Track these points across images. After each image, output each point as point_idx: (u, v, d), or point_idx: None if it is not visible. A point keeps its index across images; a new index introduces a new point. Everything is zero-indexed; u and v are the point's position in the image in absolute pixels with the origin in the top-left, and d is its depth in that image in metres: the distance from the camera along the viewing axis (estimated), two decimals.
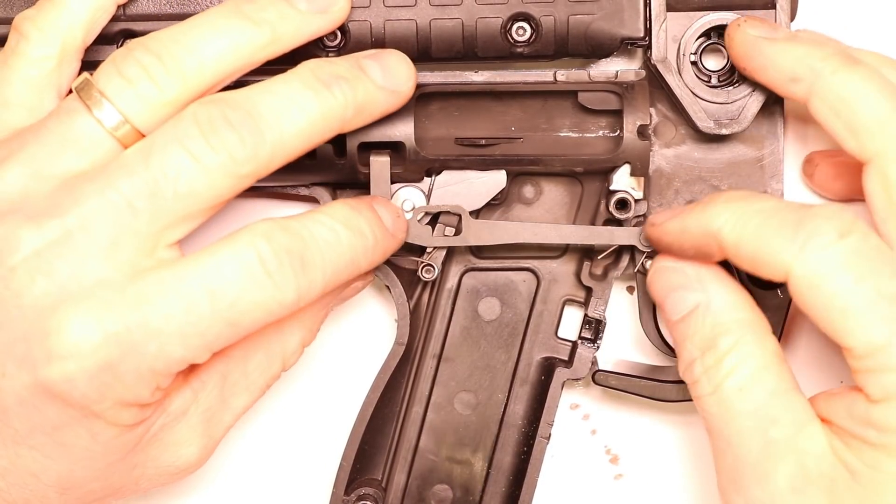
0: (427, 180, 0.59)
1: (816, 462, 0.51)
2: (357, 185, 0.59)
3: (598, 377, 0.61)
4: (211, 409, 0.53)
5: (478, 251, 0.61)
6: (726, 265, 0.59)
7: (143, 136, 0.49)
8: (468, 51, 0.57)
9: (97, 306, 0.47)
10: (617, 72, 0.59)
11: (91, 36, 0.53)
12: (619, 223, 0.59)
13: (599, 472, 0.66)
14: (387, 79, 0.53)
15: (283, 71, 0.52)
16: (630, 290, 0.64)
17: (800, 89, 0.54)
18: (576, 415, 0.65)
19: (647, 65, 0.58)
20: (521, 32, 0.57)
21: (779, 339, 0.59)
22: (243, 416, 0.64)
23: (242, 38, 0.51)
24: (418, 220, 0.58)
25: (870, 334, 0.49)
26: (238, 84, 0.52)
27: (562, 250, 0.61)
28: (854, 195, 0.60)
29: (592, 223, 0.60)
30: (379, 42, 0.57)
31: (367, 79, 0.52)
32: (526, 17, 0.57)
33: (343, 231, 0.51)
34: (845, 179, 0.60)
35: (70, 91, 0.51)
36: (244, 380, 0.54)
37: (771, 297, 0.59)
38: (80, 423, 0.49)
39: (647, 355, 0.64)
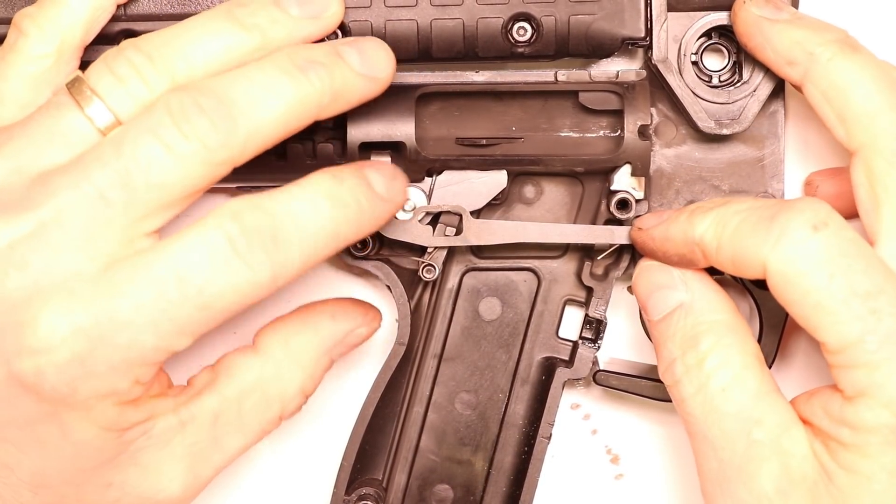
0: (428, 180, 0.59)
1: (799, 464, 0.51)
2: None
3: (598, 377, 0.61)
4: (199, 444, 0.52)
5: (478, 251, 0.61)
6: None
7: None
8: (469, 51, 0.57)
9: (67, 299, 0.47)
10: (618, 72, 0.59)
11: (90, 35, 0.53)
12: (619, 223, 0.59)
13: (600, 472, 0.66)
14: (364, 65, 0.52)
15: None
16: (630, 290, 0.64)
17: (795, 73, 0.54)
18: (576, 415, 0.65)
19: (648, 65, 0.58)
20: (522, 32, 0.57)
21: (779, 340, 0.59)
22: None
23: (232, 42, 0.50)
24: (419, 221, 0.58)
25: (842, 331, 0.49)
26: None
27: (562, 250, 0.61)
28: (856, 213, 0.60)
29: (593, 223, 0.60)
30: None
31: (344, 65, 0.51)
32: (527, 17, 0.57)
33: (323, 202, 0.50)
34: (847, 199, 0.60)
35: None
36: (238, 421, 0.53)
37: (771, 297, 0.59)
38: (53, 419, 0.48)
39: (647, 355, 0.64)
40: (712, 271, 0.54)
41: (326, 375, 0.64)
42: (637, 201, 0.59)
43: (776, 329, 0.59)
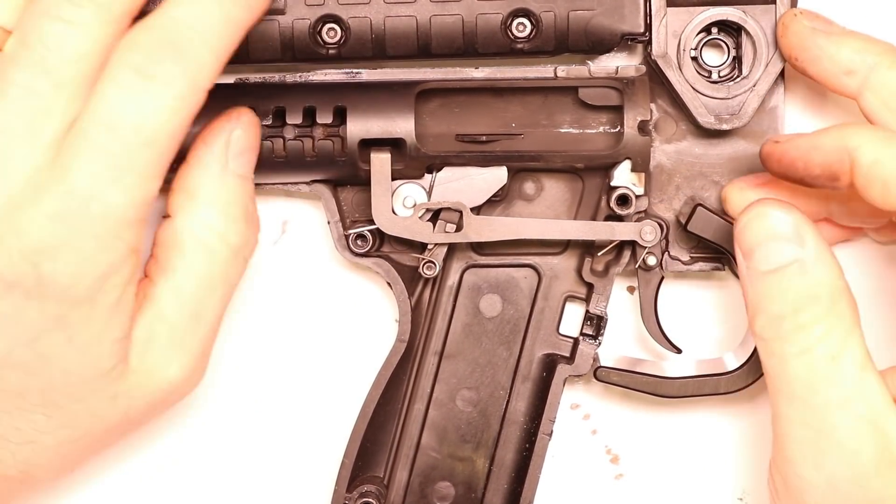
0: (428, 177, 0.59)
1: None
2: (358, 181, 0.59)
3: (599, 373, 0.61)
4: (179, 327, 0.53)
5: (479, 248, 0.61)
6: (728, 260, 0.60)
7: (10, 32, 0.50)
8: (468, 47, 0.57)
9: (34, 194, 0.48)
10: (617, 67, 0.59)
11: None
12: (620, 219, 0.59)
13: (600, 471, 0.66)
14: None
15: None
16: (630, 290, 0.64)
17: (852, 83, 0.54)
18: (576, 415, 0.65)
19: (648, 60, 0.58)
20: (522, 28, 0.57)
21: None
22: (245, 414, 0.65)
23: None
24: (419, 217, 0.58)
25: None
26: None
27: (563, 246, 0.61)
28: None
29: (593, 219, 0.60)
30: (379, 38, 0.57)
31: None
32: (526, 13, 0.57)
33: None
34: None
35: None
36: (198, 284, 0.53)
37: None
38: (58, 325, 0.49)
39: (648, 351, 0.64)
40: None
41: (328, 372, 0.64)
42: (637, 197, 0.59)
43: None
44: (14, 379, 0.50)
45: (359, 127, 0.57)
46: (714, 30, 0.58)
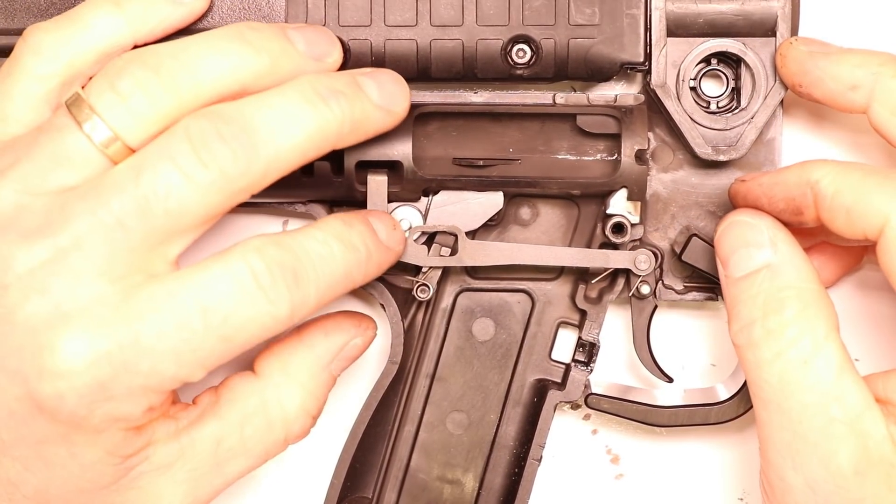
0: (424, 200, 0.59)
1: (877, 445, 0.50)
2: (354, 202, 0.59)
3: (590, 400, 0.61)
4: (200, 469, 0.52)
5: (473, 272, 0.61)
6: (721, 292, 0.60)
7: (134, 152, 0.49)
8: (468, 71, 0.57)
9: (89, 324, 0.47)
10: (616, 96, 0.59)
11: (101, 64, 0.52)
12: (614, 247, 0.59)
13: (600, 472, 0.66)
14: (383, 97, 0.52)
15: None
16: (626, 300, 0.64)
17: (859, 97, 0.54)
18: (576, 415, 0.65)
19: (647, 89, 0.58)
20: (522, 54, 0.57)
21: None
22: None
23: (241, 63, 0.50)
24: (414, 240, 0.58)
25: None
26: None
27: (557, 272, 0.61)
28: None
29: (588, 246, 0.60)
30: (379, 61, 0.57)
31: (364, 96, 0.52)
32: (526, 40, 0.57)
33: (336, 245, 0.51)
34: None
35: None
36: (240, 445, 0.53)
37: None
38: (63, 441, 0.49)
39: (640, 379, 0.64)
40: None
41: None
42: (632, 225, 0.59)
43: None
44: (13, 470, 0.50)
45: (356, 148, 0.57)
46: (713, 61, 0.58)
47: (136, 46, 0.52)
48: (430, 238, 0.59)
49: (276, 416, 0.54)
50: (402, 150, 0.57)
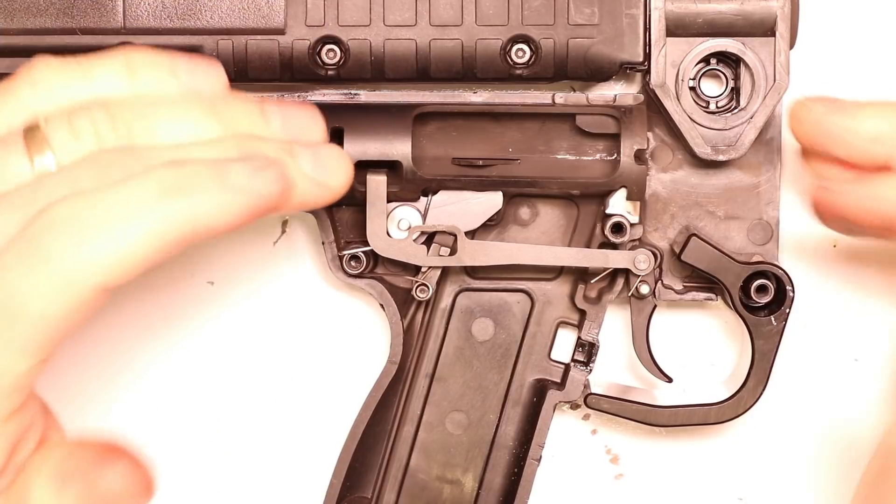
0: (423, 200, 0.59)
1: None
2: (353, 202, 0.59)
3: (590, 400, 0.61)
4: None
5: (472, 271, 0.61)
6: (721, 290, 0.60)
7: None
8: (467, 71, 0.57)
9: None
10: (615, 96, 0.59)
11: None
12: (614, 247, 0.59)
13: (599, 472, 0.66)
14: (317, 171, 0.49)
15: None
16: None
17: (881, 149, 0.53)
18: (576, 415, 0.65)
19: (646, 89, 0.58)
20: (521, 54, 0.57)
21: (771, 367, 0.59)
22: (234, 430, 0.65)
23: (203, 133, 0.48)
24: (413, 240, 0.58)
25: None
26: None
27: (556, 272, 0.61)
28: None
29: (588, 246, 0.60)
30: (378, 61, 0.57)
31: (294, 165, 0.48)
32: (526, 40, 0.57)
33: None
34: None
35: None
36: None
37: (765, 324, 0.59)
38: None
39: (639, 379, 0.64)
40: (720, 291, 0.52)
41: (318, 393, 0.64)
42: (632, 225, 0.59)
43: (768, 356, 0.59)
44: None
45: (355, 148, 0.57)
46: (713, 61, 0.58)
47: None
48: (429, 238, 0.59)
49: None
50: (401, 150, 0.57)
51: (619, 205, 0.58)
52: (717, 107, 0.58)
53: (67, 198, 0.44)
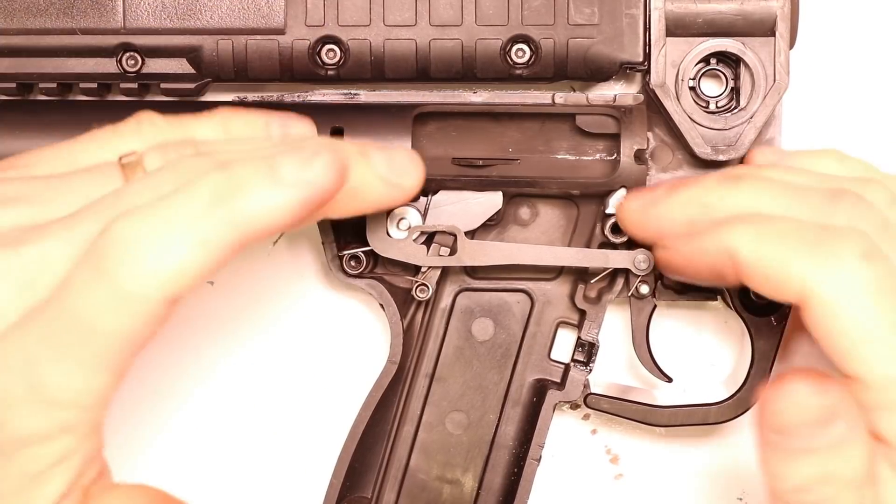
0: (423, 199, 0.59)
1: None
2: None
3: (589, 400, 0.61)
4: None
5: (472, 271, 0.61)
6: (720, 290, 0.60)
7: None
8: (467, 71, 0.57)
9: None
10: (615, 96, 0.59)
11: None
12: (614, 246, 0.59)
13: (599, 472, 0.66)
14: (391, 172, 0.51)
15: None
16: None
17: (699, 226, 0.53)
18: (576, 415, 0.65)
19: (646, 89, 0.58)
20: (521, 54, 0.57)
21: (771, 367, 0.59)
22: (234, 430, 0.65)
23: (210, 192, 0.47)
24: (413, 240, 0.58)
25: (889, 367, 0.47)
26: None
27: (556, 272, 0.61)
28: None
29: (588, 246, 0.60)
30: (378, 60, 0.57)
31: (366, 165, 0.50)
32: (525, 40, 0.57)
33: None
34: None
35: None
36: None
37: (765, 323, 0.59)
38: None
39: (639, 379, 0.64)
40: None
41: (318, 392, 0.65)
42: None
43: (768, 356, 0.59)
44: None
45: None
46: (713, 60, 0.58)
47: None
48: (429, 238, 0.59)
49: None
50: None
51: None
52: (717, 107, 0.58)
53: (125, 213, 0.45)
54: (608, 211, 0.58)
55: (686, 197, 0.54)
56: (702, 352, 0.65)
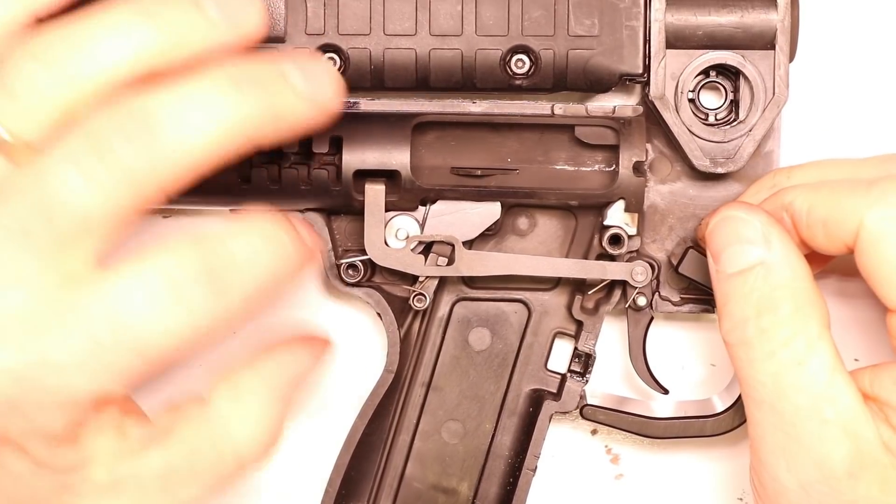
0: (422, 209, 0.59)
1: (870, 448, 0.50)
2: (351, 211, 0.59)
3: (585, 411, 0.61)
4: (147, 495, 0.48)
5: (470, 281, 0.61)
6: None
7: (35, 150, 0.45)
8: (467, 81, 0.57)
9: None
10: (614, 107, 0.59)
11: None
12: (611, 258, 0.59)
13: (599, 472, 0.66)
14: (309, 87, 0.47)
15: None
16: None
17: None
18: (576, 415, 0.65)
19: (645, 101, 0.58)
20: (521, 65, 0.57)
21: None
22: None
23: (144, 42, 0.45)
24: (411, 249, 0.58)
25: None
26: None
27: (554, 283, 0.61)
28: None
29: (585, 257, 0.60)
30: (378, 70, 0.57)
31: (286, 85, 0.47)
32: (525, 50, 0.57)
33: (262, 244, 0.46)
34: None
35: None
36: (191, 475, 0.49)
37: None
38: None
39: (636, 390, 0.64)
40: None
41: (315, 401, 0.64)
42: (630, 237, 0.59)
43: None
44: None
45: (354, 157, 0.57)
46: (712, 73, 0.58)
47: None
48: (427, 247, 0.59)
49: (226, 447, 0.49)
50: (400, 160, 0.57)
51: (618, 216, 0.58)
52: (716, 119, 0.59)
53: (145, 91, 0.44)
54: (606, 222, 0.58)
55: (755, 187, 0.57)
56: (698, 364, 0.65)
